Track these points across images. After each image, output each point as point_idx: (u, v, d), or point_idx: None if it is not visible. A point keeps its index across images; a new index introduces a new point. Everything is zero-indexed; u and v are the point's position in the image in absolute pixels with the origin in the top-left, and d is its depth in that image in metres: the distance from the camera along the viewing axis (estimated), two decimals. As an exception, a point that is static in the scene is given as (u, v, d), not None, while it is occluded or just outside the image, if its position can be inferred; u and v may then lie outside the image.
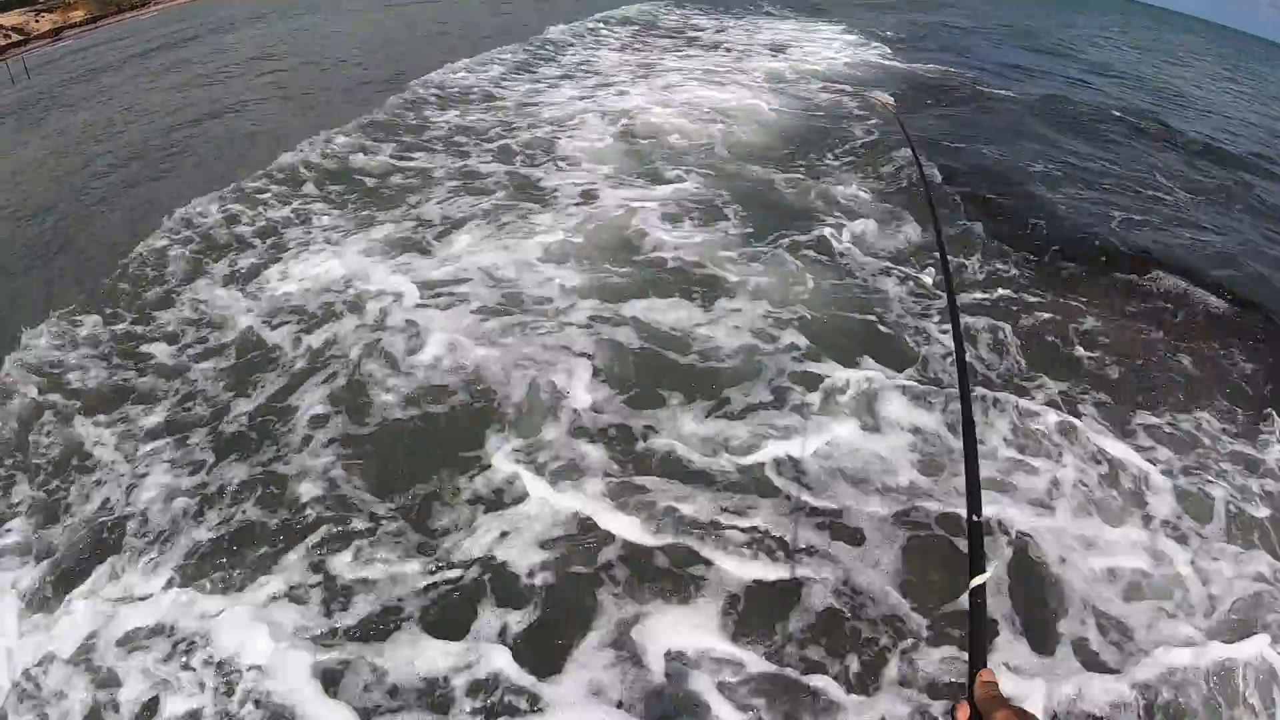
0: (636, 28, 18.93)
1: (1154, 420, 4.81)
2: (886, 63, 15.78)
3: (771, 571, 3.65)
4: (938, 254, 2.93)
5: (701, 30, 19.03)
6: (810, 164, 9.12)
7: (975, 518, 1.26)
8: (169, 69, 19.73)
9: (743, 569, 3.65)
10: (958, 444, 4.42)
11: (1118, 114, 13.18)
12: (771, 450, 4.40)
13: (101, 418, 5.02)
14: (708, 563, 3.68)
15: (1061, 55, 20.88)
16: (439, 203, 8.07)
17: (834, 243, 6.93)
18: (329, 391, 4.99)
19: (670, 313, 5.78)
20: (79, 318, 6.14)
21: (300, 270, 6.73)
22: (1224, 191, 9.79)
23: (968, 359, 2.95)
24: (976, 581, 1.18)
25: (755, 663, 3.25)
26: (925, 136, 10.20)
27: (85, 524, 4.16)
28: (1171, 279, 6.50)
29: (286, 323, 5.93)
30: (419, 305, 5.97)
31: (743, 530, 3.85)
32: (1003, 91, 13.86)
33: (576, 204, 7.88)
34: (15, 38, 31.53)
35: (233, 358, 5.59)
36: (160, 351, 5.72)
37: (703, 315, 5.75)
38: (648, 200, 7.81)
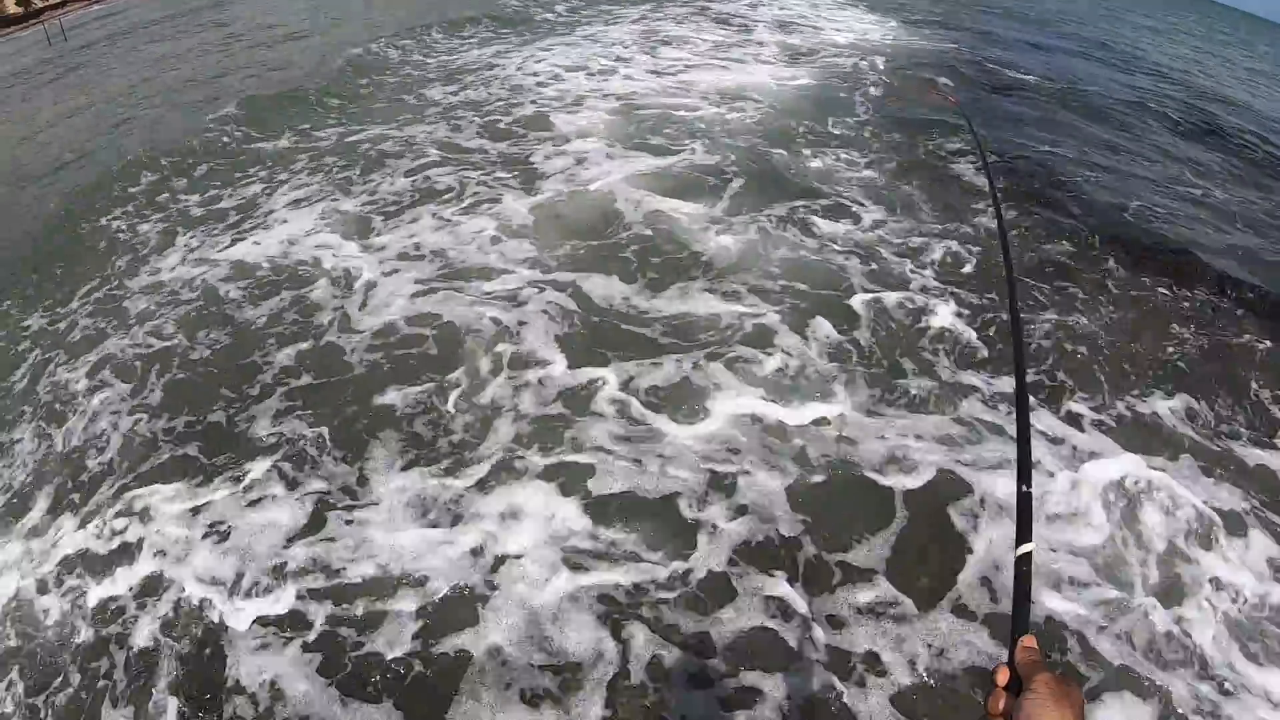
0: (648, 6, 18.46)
1: (1174, 416, 4.59)
2: (908, 41, 15.17)
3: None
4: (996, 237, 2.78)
5: (711, 2, 18.51)
6: (822, 144, 8.68)
7: (1025, 488, 1.30)
8: (199, 29, 19.91)
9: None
10: (990, 417, 4.40)
11: (1154, 106, 12.53)
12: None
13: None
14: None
15: (1098, 44, 19.95)
16: (420, 174, 7.99)
17: (841, 227, 6.64)
18: (294, 350, 5.28)
19: (653, 288, 5.68)
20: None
21: (267, 236, 6.85)
22: (1265, 189, 9.28)
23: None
24: (1022, 550, 1.20)
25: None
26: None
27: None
28: (1210, 275, 6.14)
29: (250, 286, 6.17)
30: (383, 271, 6.09)
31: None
32: (1029, 77, 13.21)
33: (562, 174, 7.68)
34: (52, 0, 32.07)
35: (201, 320, 5.82)
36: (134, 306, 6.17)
37: (693, 295, 5.62)
38: (642, 174, 7.58)
